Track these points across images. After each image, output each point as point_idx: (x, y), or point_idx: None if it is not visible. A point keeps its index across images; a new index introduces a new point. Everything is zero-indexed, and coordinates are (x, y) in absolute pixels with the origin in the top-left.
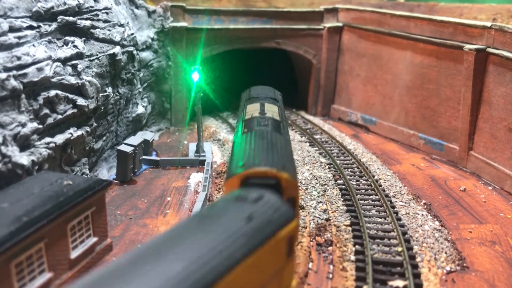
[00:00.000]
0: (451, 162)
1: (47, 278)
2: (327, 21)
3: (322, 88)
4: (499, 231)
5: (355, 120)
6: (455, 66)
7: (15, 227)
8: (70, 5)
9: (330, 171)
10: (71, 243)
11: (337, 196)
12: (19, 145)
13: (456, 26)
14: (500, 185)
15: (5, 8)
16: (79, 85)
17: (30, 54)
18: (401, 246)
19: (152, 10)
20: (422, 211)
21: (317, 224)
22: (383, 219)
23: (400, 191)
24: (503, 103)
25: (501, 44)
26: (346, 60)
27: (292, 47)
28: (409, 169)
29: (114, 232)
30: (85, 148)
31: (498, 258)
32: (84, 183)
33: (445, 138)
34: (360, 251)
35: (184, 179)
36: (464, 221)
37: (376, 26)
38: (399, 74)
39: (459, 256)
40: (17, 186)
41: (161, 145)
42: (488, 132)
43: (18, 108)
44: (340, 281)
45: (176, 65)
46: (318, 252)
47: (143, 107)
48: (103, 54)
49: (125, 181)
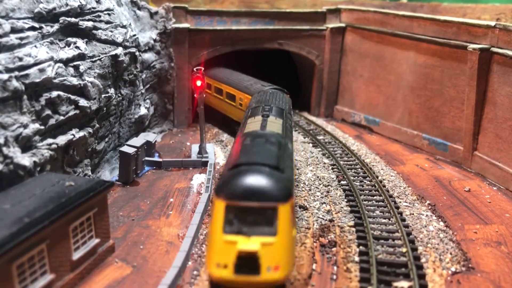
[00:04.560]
0: (455, 163)
1: (49, 280)
2: (329, 22)
3: (325, 89)
4: (505, 232)
5: (358, 121)
6: (459, 66)
7: (17, 229)
8: (72, 6)
9: (334, 172)
10: (73, 244)
11: (340, 197)
12: (21, 146)
13: (459, 26)
14: (505, 185)
15: (7, 9)
16: (81, 86)
17: (32, 55)
18: (405, 247)
19: (154, 11)
20: (427, 211)
21: (320, 225)
22: (387, 219)
23: (404, 191)
24: (507, 103)
25: (505, 43)
26: (349, 60)
27: (294, 48)
28: (413, 170)
29: (116, 233)
30: (87, 150)
31: (504, 259)
32: (86, 184)
33: (449, 138)
34: (364, 252)
35: (187, 180)
36: (469, 222)
37: (379, 27)
38: (403, 75)
39: (464, 257)
40: (18, 187)
41: (163, 147)
42: (492, 132)
43: (20, 109)
44: (344, 282)
45: (179, 67)
46: (322, 253)
47: (145, 109)
48: (105, 55)
49: (127, 183)
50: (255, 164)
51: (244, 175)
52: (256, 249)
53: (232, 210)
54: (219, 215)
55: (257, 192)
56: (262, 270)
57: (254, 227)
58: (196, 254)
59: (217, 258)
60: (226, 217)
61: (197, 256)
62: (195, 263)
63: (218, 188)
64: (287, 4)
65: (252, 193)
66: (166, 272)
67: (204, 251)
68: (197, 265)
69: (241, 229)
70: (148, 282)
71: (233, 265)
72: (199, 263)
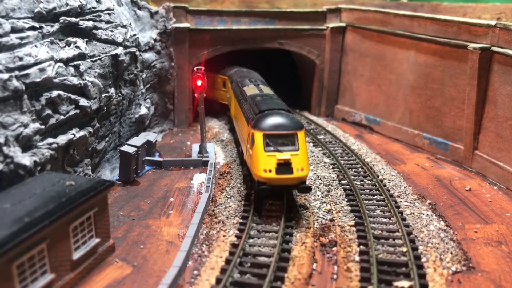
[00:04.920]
0: (456, 162)
1: (49, 279)
2: (330, 22)
3: (325, 88)
4: (505, 231)
5: (359, 120)
6: (459, 65)
7: (17, 228)
8: (72, 6)
9: (334, 171)
10: (73, 244)
11: (341, 196)
12: (21, 145)
13: (460, 25)
14: (506, 184)
15: (7, 9)
16: (82, 86)
17: (32, 54)
18: (406, 247)
19: (154, 11)
20: (427, 211)
21: (321, 224)
22: (388, 219)
23: (404, 191)
24: (508, 102)
25: (506, 42)
26: (349, 60)
27: (295, 47)
28: (414, 169)
29: (116, 233)
30: (87, 149)
31: (505, 258)
32: (86, 184)
33: (450, 137)
34: (365, 252)
35: (187, 180)
36: (469, 221)
37: (380, 26)
38: (403, 74)
39: (465, 256)
40: (19, 187)
41: (164, 146)
42: (493, 132)
43: (20, 109)
44: (344, 281)
45: (179, 66)
46: (322, 253)
47: (146, 108)
48: (106, 55)
49: (128, 182)
50: (275, 109)
51: (272, 115)
52: (289, 157)
53: (268, 137)
54: (259, 141)
55: (283, 125)
56: (294, 171)
57: (284, 146)
58: (196, 253)
59: (264, 166)
60: (264, 142)
61: (198, 256)
62: (195, 262)
63: (255, 124)
64: (287, 4)
65: (280, 126)
66: (166, 271)
67: (204, 251)
68: (198, 264)
69: (276, 148)
70: (148, 282)
71: (275, 169)
72: (200, 263)
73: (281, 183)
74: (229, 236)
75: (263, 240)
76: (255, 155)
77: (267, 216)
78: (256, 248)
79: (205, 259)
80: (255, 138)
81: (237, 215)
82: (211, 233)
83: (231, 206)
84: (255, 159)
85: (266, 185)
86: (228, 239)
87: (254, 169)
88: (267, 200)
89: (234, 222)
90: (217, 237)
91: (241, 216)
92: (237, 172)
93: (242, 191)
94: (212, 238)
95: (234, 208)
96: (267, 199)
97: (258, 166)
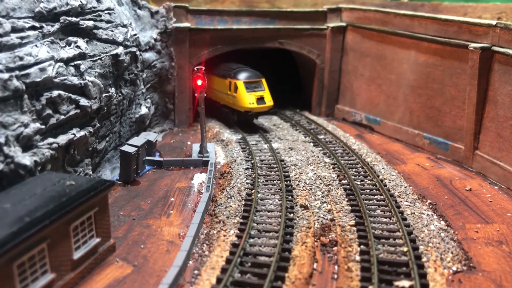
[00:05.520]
0: (456, 162)
1: (49, 279)
2: (330, 21)
3: (326, 88)
4: (506, 231)
5: (359, 120)
6: (460, 65)
7: (17, 228)
8: (73, 6)
9: (335, 171)
10: (74, 243)
11: (341, 196)
12: (21, 145)
13: (460, 25)
14: (507, 184)
15: (7, 9)
16: (82, 86)
17: (33, 54)
18: (406, 246)
19: (155, 10)
20: (428, 211)
21: (321, 224)
22: (388, 219)
23: (405, 191)
24: (509, 102)
25: (506, 42)
26: (349, 60)
27: (295, 47)
28: (414, 169)
29: (117, 232)
30: (88, 149)
31: (505, 258)
32: (86, 184)
33: (450, 137)
34: (365, 251)
35: (188, 179)
36: (470, 221)
37: (380, 26)
38: (403, 74)
39: (465, 256)
40: (19, 187)
41: (164, 146)
42: (494, 131)
43: (20, 109)
44: (345, 281)
45: (179, 66)
46: (323, 253)
47: (146, 108)
48: (106, 55)
49: (128, 182)
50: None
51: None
52: (262, 94)
53: (246, 84)
54: (242, 87)
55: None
56: (266, 102)
57: (257, 88)
58: (197, 253)
59: (248, 100)
60: (245, 86)
61: (198, 256)
62: (196, 262)
63: (235, 77)
64: (287, 4)
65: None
66: (167, 271)
67: (205, 251)
68: (198, 264)
69: (253, 89)
70: (149, 282)
71: (255, 101)
72: (200, 263)
73: (259, 110)
74: (229, 236)
75: (263, 239)
76: (241, 95)
77: (268, 216)
78: (256, 248)
79: (205, 258)
80: (238, 85)
81: (237, 215)
82: (211, 232)
83: (231, 206)
84: (242, 97)
85: (251, 112)
86: (228, 239)
87: (241, 103)
88: (266, 199)
89: (235, 222)
90: (217, 236)
91: (241, 215)
92: (237, 172)
93: (243, 191)
94: (213, 238)
95: (234, 208)
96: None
97: (245, 100)
